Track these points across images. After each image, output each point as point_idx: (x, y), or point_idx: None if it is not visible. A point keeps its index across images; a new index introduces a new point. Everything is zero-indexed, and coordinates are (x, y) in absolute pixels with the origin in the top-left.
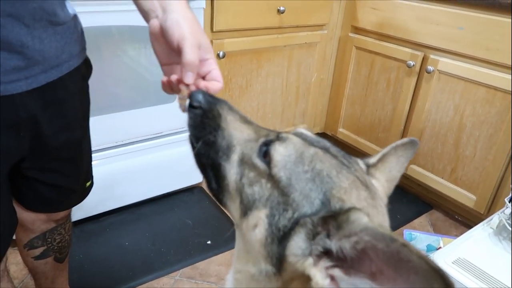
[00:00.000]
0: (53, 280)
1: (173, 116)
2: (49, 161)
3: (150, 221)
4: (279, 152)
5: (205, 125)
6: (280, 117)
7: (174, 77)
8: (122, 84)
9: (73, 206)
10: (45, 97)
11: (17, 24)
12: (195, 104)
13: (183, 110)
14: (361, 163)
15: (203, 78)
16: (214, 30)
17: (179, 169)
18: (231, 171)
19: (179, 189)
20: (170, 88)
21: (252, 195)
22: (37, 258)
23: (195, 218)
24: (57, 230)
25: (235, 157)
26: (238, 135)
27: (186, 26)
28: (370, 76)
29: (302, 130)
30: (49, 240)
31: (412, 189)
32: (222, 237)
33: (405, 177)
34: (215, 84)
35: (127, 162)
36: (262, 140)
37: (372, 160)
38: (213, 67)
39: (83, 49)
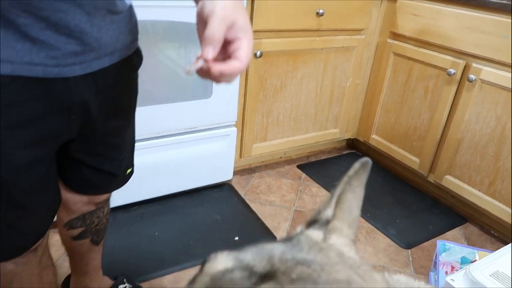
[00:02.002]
0: (88, 261)
1: (208, 112)
2: (96, 146)
3: (180, 214)
4: None
5: None
6: (312, 120)
7: (198, 54)
8: (159, 79)
9: (113, 191)
10: (97, 83)
11: (79, 11)
12: None
13: (187, 73)
14: (315, 234)
15: (229, 57)
16: (252, 29)
17: (210, 165)
18: None
19: (210, 184)
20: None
21: None
22: (75, 238)
23: (223, 214)
24: (96, 213)
25: None
26: None
27: (221, 1)
28: (407, 83)
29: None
30: (88, 222)
31: (446, 201)
32: (249, 234)
33: (438, 188)
34: (231, 65)
35: (161, 155)
36: None
37: (328, 212)
38: (240, 46)
39: (136, 39)
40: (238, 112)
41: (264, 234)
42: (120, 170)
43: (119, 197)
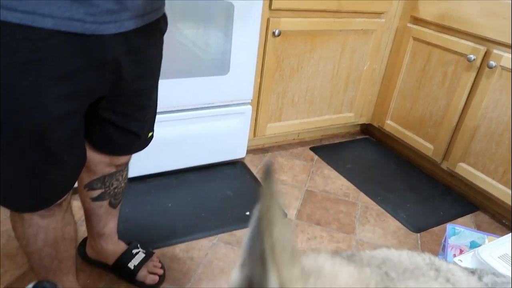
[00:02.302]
0: (105, 224)
1: (225, 88)
2: (123, 105)
3: (193, 188)
4: None
5: None
6: (327, 103)
7: None
8: (177, 54)
9: (134, 152)
10: (129, 43)
11: None
12: None
13: None
14: None
15: None
16: (272, 8)
17: (224, 142)
18: None
19: (223, 161)
20: None
21: None
22: (94, 199)
23: (235, 190)
24: (115, 175)
25: None
26: None
27: None
28: (426, 68)
29: None
30: (107, 184)
31: (458, 188)
32: None
33: (451, 175)
34: None
35: (177, 129)
36: None
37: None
38: None
39: (163, 4)
40: (254, 90)
41: None
42: (143, 132)
43: (135, 168)
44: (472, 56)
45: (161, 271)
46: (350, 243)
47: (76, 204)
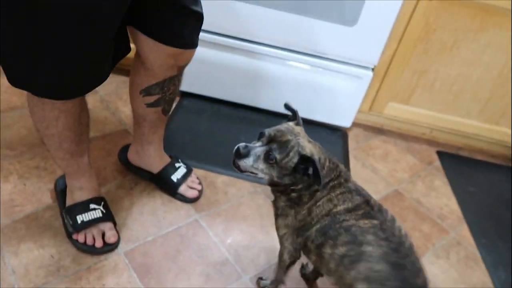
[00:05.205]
0: (155, 130)
1: (347, 42)
2: None
3: None
4: None
5: None
6: (481, 106)
7: None
8: None
9: (196, 44)
10: None
11: None
12: None
13: None
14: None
15: None
16: None
17: (331, 102)
18: None
19: (322, 122)
20: None
21: None
22: (150, 105)
23: None
24: (174, 80)
25: None
26: None
27: None
28: None
29: None
30: (165, 89)
31: None
32: None
33: None
34: None
35: (281, 69)
36: None
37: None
38: None
39: None
40: (382, 56)
41: None
42: (202, 11)
43: (220, 90)
44: None
45: (200, 187)
46: None
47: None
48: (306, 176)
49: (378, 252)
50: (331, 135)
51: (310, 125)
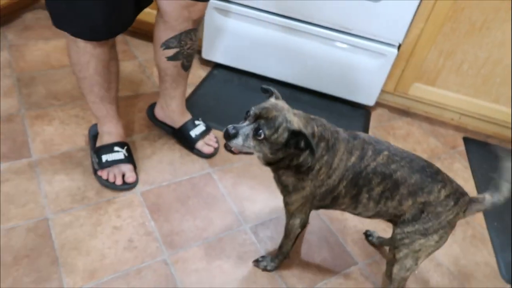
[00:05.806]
0: (176, 86)
1: (371, 18)
2: None
3: (297, 107)
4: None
5: None
6: (510, 89)
7: None
8: None
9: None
10: None
11: None
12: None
13: None
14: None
15: None
16: None
17: (354, 79)
18: None
19: (345, 99)
20: None
21: None
22: (170, 58)
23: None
24: (190, 34)
25: None
26: None
27: None
28: None
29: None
30: (182, 43)
31: None
32: None
33: None
34: None
35: (304, 42)
36: None
37: None
38: None
39: None
40: (408, 35)
41: None
42: None
43: (248, 62)
44: None
45: (216, 145)
46: None
47: None
48: (298, 149)
49: (405, 170)
50: (353, 112)
51: (330, 100)
